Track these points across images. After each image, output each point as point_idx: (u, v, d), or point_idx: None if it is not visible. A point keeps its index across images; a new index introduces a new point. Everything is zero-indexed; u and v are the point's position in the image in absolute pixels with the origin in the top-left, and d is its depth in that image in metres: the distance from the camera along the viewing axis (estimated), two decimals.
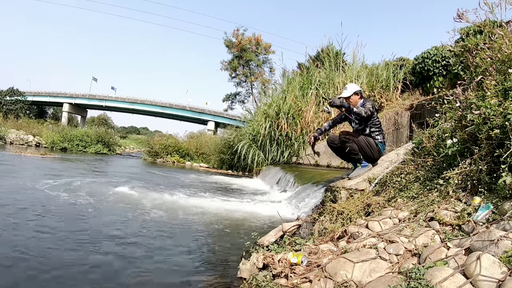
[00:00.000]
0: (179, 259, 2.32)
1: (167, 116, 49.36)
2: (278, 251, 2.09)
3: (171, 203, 4.34)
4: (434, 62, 8.17)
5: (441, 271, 1.37)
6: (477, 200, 1.89)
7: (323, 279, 1.63)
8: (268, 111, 10.45)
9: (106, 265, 2.07)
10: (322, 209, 3.09)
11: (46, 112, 51.55)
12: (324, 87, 10.57)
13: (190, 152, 15.03)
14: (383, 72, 10.08)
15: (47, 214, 3.17)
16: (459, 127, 2.37)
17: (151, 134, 30.58)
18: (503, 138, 1.87)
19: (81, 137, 17.13)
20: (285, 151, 9.80)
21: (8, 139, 18.19)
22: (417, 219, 2.03)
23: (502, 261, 1.30)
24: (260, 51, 23.24)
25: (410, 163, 2.93)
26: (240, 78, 23.73)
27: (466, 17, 2.75)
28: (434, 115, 2.91)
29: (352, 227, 2.25)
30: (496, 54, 2.36)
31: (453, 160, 2.30)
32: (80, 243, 2.42)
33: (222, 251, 2.62)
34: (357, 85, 3.59)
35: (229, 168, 11.83)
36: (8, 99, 37.96)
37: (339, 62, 11.09)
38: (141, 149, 25.11)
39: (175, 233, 2.94)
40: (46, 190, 4.45)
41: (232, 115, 34.29)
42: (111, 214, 3.45)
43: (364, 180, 3.28)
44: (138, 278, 1.94)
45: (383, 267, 1.63)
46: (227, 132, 12.56)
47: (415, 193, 2.43)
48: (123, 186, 5.37)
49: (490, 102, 1.99)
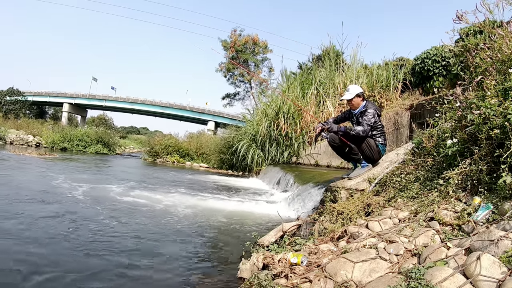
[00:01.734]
0: (179, 258, 2.31)
1: (167, 116, 49.35)
2: (278, 251, 2.09)
3: (171, 203, 4.34)
4: (434, 62, 8.17)
5: (441, 271, 1.37)
6: (477, 200, 1.90)
7: (323, 279, 1.63)
8: (267, 111, 10.46)
9: (106, 263, 2.07)
10: (322, 209, 3.09)
11: (46, 112, 51.50)
12: (324, 86, 10.57)
13: (190, 152, 15.04)
14: (383, 72, 10.09)
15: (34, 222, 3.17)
16: (459, 127, 2.37)
17: (151, 134, 30.60)
18: (503, 138, 1.87)
19: (81, 137, 17.14)
20: (285, 151, 9.79)
21: (8, 139, 18.19)
22: (417, 219, 2.03)
23: (502, 261, 1.30)
24: (257, 51, 23.28)
25: (410, 163, 2.93)
26: (237, 78, 23.76)
27: (465, 18, 2.75)
28: (434, 115, 2.91)
29: (352, 227, 2.25)
30: (496, 54, 2.36)
31: (453, 160, 2.30)
32: (79, 242, 2.42)
33: (222, 251, 2.62)
34: (358, 86, 3.59)
35: (229, 168, 11.83)
36: (8, 99, 37.92)
37: (339, 62, 11.09)
38: (141, 149, 25.12)
39: (174, 233, 2.94)
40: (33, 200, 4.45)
41: (232, 115, 34.32)
42: (105, 214, 3.45)
43: (364, 180, 3.28)
44: (138, 278, 1.94)
45: (383, 267, 1.63)
46: (227, 132, 12.55)
47: (415, 193, 2.43)
48: (118, 186, 5.38)
49: (490, 102, 1.99)
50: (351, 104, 3.56)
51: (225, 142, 11.92)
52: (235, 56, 23.02)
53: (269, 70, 24.37)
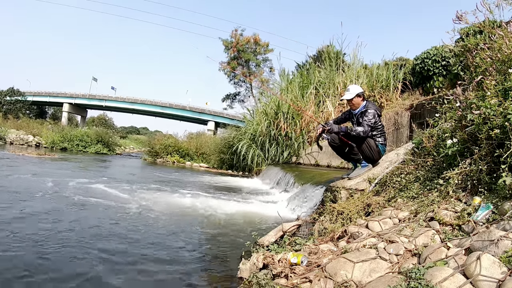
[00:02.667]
0: (179, 258, 2.31)
1: (167, 116, 49.35)
2: (278, 251, 2.09)
3: (171, 203, 4.34)
4: (434, 62, 8.17)
5: (441, 271, 1.37)
6: (477, 200, 1.90)
7: (323, 279, 1.63)
8: (267, 110, 10.45)
9: (105, 261, 2.07)
10: (322, 209, 3.09)
11: (46, 112, 51.49)
12: (324, 86, 10.57)
13: (190, 152, 15.03)
14: (383, 72, 10.09)
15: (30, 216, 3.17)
16: (459, 127, 2.37)
17: (151, 134, 30.59)
18: (503, 138, 1.87)
19: (81, 137, 17.14)
20: (285, 151, 9.80)
21: (8, 139, 18.18)
22: (417, 219, 2.03)
23: (502, 261, 1.30)
24: (259, 50, 23.27)
25: (410, 163, 2.93)
26: (239, 77, 23.74)
27: (465, 18, 2.75)
28: (434, 115, 2.91)
29: (352, 227, 2.25)
30: (496, 54, 2.36)
31: (453, 160, 2.30)
32: (77, 241, 2.42)
33: (222, 251, 2.62)
34: (359, 86, 3.58)
35: (229, 168, 11.83)
36: (8, 99, 37.90)
37: (339, 62, 11.09)
38: (141, 149, 25.12)
39: (174, 233, 2.94)
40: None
41: (232, 115, 34.28)
42: (102, 215, 3.45)
43: (364, 180, 3.28)
44: (138, 277, 1.94)
45: (383, 267, 1.63)
46: (227, 132, 12.55)
47: (415, 193, 2.43)
48: (118, 185, 5.37)
49: (490, 102, 1.99)
50: (351, 104, 3.56)
51: (225, 142, 11.91)
52: (237, 56, 23.00)
53: (270, 70, 24.38)
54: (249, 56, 22.73)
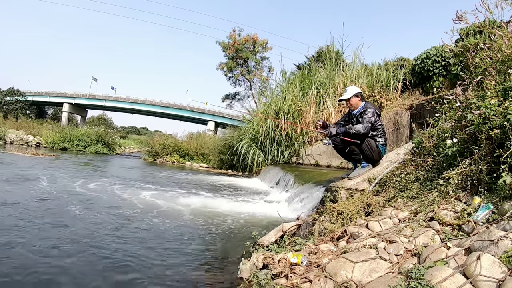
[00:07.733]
0: (179, 258, 2.31)
1: (167, 116, 49.32)
2: (278, 251, 2.09)
3: (171, 203, 4.34)
4: (434, 62, 8.17)
5: (441, 271, 1.37)
6: (477, 200, 1.90)
7: (323, 279, 1.63)
8: (267, 111, 10.44)
9: (104, 261, 2.07)
10: (322, 209, 3.09)
11: (46, 112, 51.44)
12: (324, 86, 10.56)
13: (190, 152, 15.02)
14: (383, 72, 10.08)
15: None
16: (459, 127, 2.37)
17: (151, 134, 30.55)
18: (503, 138, 1.87)
19: (81, 137, 17.14)
20: (285, 151, 9.79)
21: (8, 139, 18.17)
22: (417, 219, 2.03)
23: (502, 261, 1.30)
24: (257, 49, 23.20)
25: (410, 163, 2.93)
26: (237, 77, 23.67)
27: (465, 18, 2.75)
28: (434, 115, 2.91)
29: (352, 227, 2.25)
30: (496, 54, 2.36)
31: (453, 160, 2.30)
32: (76, 239, 2.42)
33: (222, 251, 2.62)
34: (357, 87, 3.59)
35: (229, 168, 11.82)
36: (8, 99, 37.87)
37: (339, 62, 11.08)
38: (141, 149, 25.07)
39: (174, 233, 2.94)
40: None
41: (232, 115, 34.27)
42: (102, 216, 3.45)
43: (364, 180, 3.28)
44: (138, 277, 1.94)
45: (383, 267, 1.63)
46: (227, 132, 12.53)
47: (415, 193, 2.43)
48: (117, 185, 5.37)
49: (490, 102, 1.99)
50: (349, 104, 3.57)
51: (225, 142, 11.91)
52: (235, 55, 22.93)
53: (269, 69, 24.32)
54: (247, 55, 22.65)
